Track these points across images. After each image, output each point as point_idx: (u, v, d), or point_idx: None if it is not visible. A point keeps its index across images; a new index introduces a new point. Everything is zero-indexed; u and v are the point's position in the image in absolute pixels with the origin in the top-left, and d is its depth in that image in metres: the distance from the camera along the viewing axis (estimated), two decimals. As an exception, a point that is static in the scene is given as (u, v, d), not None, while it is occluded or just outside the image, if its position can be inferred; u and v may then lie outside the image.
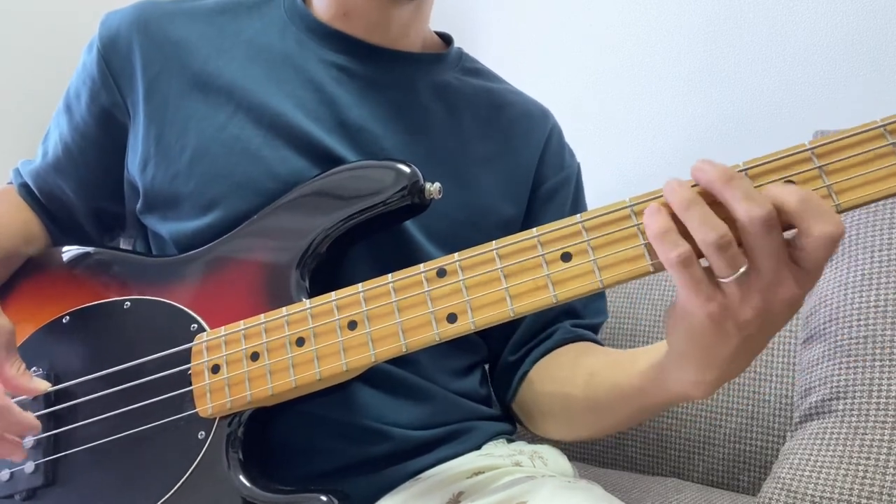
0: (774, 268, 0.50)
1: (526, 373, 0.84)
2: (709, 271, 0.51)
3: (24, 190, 0.90)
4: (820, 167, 0.51)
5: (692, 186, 0.52)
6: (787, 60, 1.34)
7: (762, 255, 0.49)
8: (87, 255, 0.82)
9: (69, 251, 0.83)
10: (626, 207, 0.55)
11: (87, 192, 0.87)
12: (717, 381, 0.57)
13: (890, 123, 0.51)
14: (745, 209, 0.49)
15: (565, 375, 0.80)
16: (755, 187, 0.52)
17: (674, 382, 0.61)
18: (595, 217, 0.56)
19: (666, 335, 0.59)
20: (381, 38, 0.81)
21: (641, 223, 0.55)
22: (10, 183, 0.92)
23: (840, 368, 0.91)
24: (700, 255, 0.51)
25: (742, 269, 0.50)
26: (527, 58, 1.72)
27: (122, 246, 0.95)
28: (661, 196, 0.54)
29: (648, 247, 0.54)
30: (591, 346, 0.84)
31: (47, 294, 0.80)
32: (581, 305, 0.86)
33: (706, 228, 0.50)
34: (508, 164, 0.86)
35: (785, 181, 0.52)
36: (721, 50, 1.42)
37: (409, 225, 0.77)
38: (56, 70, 1.30)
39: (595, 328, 0.88)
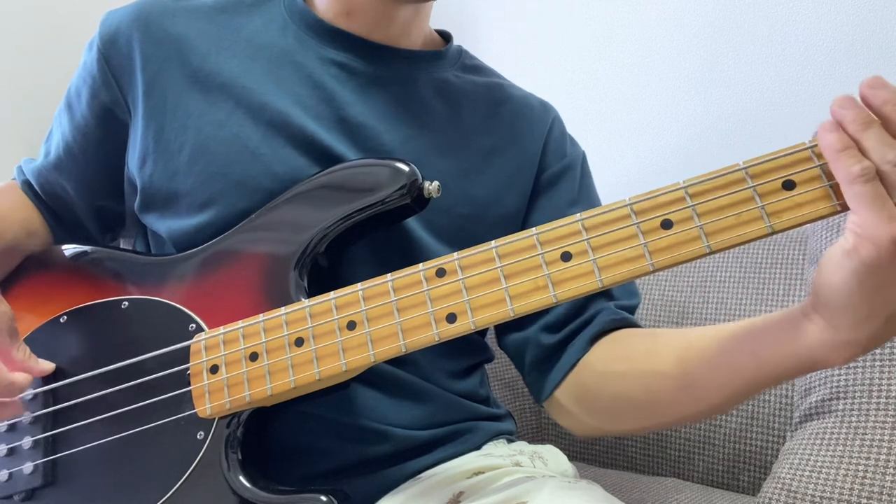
0: None
1: (578, 358, 0.76)
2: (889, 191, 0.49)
3: (27, 187, 0.90)
4: (820, 166, 0.51)
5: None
6: (787, 60, 1.34)
7: None
8: (84, 254, 0.81)
9: (67, 250, 0.83)
10: (625, 206, 0.55)
11: (88, 190, 0.87)
12: (869, 341, 0.52)
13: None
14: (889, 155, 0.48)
15: (644, 352, 0.71)
16: (758, 185, 0.52)
17: (812, 345, 0.55)
18: (594, 216, 0.56)
19: (818, 290, 0.53)
20: (383, 36, 0.81)
21: (641, 222, 0.55)
22: (14, 179, 0.92)
23: (840, 368, 0.91)
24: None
25: None
26: (527, 58, 1.72)
27: (122, 245, 0.95)
28: (661, 195, 0.54)
29: (648, 246, 0.54)
30: (661, 329, 0.77)
31: (45, 293, 0.80)
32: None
33: (887, 147, 0.48)
34: (511, 157, 0.85)
35: (784, 180, 0.52)
36: (721, 50, 1.42)
37: (413, 221, 0.77)
38: (58, 68, 1.30)
39: (632, 310, 0.81)
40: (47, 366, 0.74)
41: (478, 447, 0.81)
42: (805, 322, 0.55)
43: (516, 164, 0.85)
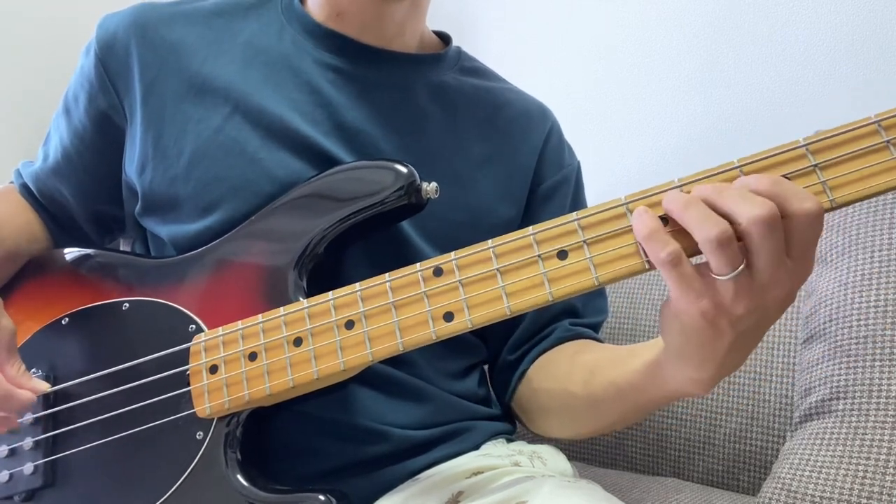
0: (773, 266, 0.49)
1: (524, 372, 0.84)
2: (699, 269, 0.51)
3: (25, 191, 0.90)
4: (815, 164, 0.51)
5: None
6: (787, 60, 1.34)
7: (763, 254, 0.49)
8: (85, 256, 0.82)
9: (68, 253, 0.83)
10: (621, 205, 0.55)
11: (85, 195, 0.87)
12: (714, 378, 0.57)
13: (884, 119, 0.51)
14: (748, 210, 0.49)
15: (563, 373, 0.80)
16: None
17: (671, 380, 0.61)
18: (590, 215, 0.56)
19: (661, 333, 0.59)
20: (376, 37, 0.81)
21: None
22: (12, 182, 0.92)
23: (840, 368, 0.90)
24: (693, 253, 0.52)
25: (741, 267, 0.50)
26: (527, 58, 1.72)
27: (121, 247, 0.95)
28: (656, 194, 0.55)
29: (644, 244, 0.54)
30: (589, 343, 0.84)
31: (46, 295, 0.81)
32: (581, 304, 0.86)
33: (708, 225, 0.49)
34: (507, 165, 0.85)
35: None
36: (721, 50, 1.42)
37: (406, 226, 0.77)
38: (57, 70, 1.30)
39: (595, 327, 0.87)
40: (41, 385, 0.72)
41: (476, 447, 0.81)
42: (664, 363, 0.61)
43: (511, 173, 0.85)
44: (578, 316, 0.86)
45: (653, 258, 0.52)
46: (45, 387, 0.72)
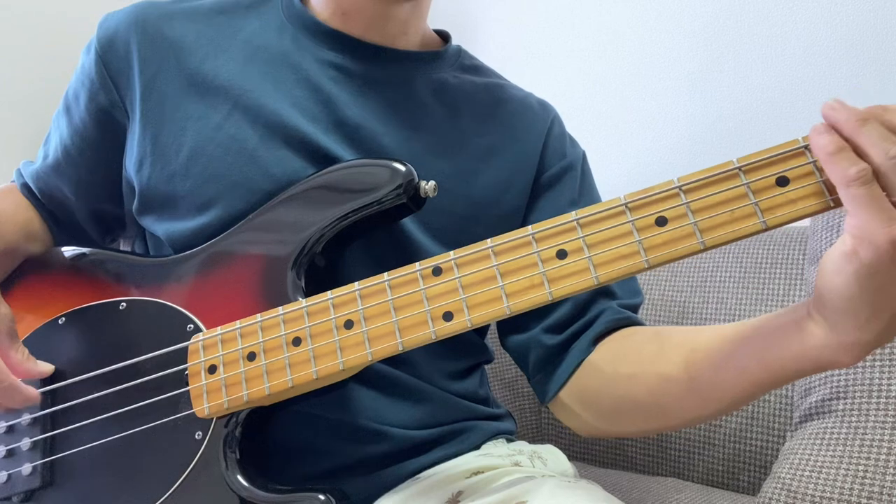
0: None
1: (582, 360, 0.76)
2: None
3: (26, 190, 0.90)
4: (813, 162, 0.51)
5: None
6: (787, 60, 1.34)
7: None
8: (83, 255, 0.82)
9: (66, 252, 0.83)
10: (620, 205, 0.55)
11: (86, 193, 0.87)
12: (872, 343, 0.52)
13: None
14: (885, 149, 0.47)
15: (651, 354, 0.71)
16: (752, 182, 0.52)
17: (818, 346, 0.54)
18: (589, 214, 0.56)
19: (822, 289, 0.53)
20: (379, 36, 0.81)
21: (636, 219, 0.55)
22: (13, 181, 0.93)
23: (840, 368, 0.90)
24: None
25: None
26: (527, 58, 1.73)
27: (121, 247, 0.95)
28: (656, 194, 0.54)
29: (643, 243, 0.54)
30: (665, 328, 0.76)
31: (43, 295, 0.80)
32: (616, 285, 0.80)
33: (887, 143, 0.47)
34: (510, 157, 0.85)
35: (778, 177, 0.52)
36: (721, 50, 1.42)
37: (409, 223, 0.77)
38: (57, 70, 1.30)
39: (635, 309, 0.82)
40: (46, 367, 0.74)
41: (477, 447, 0.81)
42: (809, 324, 0.54)
43: (515, 164, 0.85)
44: (616, 297, 0.80)
45: (839, 177, 0.48)
46: (51, 368, 0.74)
